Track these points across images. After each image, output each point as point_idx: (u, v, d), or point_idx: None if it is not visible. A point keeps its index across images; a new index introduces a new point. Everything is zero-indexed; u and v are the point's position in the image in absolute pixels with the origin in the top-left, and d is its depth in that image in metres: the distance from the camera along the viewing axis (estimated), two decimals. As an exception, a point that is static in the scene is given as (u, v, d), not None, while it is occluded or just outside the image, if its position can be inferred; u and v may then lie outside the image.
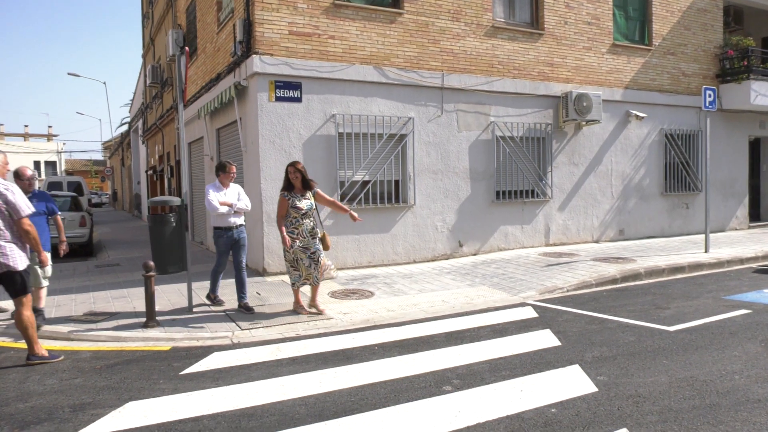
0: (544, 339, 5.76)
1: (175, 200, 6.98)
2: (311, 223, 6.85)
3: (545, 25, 11.93)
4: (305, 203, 6.80)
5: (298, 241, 6.75)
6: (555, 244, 12.25)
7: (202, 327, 6.36)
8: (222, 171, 7.11)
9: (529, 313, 6.93)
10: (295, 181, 6.83)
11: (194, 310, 7.14)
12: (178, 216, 6.91)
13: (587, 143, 12.65)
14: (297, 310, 7.06)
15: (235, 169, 7.20)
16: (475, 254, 11.27)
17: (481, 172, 11.31)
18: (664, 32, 13.70)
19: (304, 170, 6.89)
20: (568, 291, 8.23)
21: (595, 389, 4.33)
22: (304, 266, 6.82)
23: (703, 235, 11.83)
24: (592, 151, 12.73)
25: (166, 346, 5.80)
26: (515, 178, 11.77)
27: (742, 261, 10.49)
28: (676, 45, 13.93)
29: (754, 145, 16.20)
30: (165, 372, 4.97)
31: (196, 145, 14.57)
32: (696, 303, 7.27)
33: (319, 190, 7.12)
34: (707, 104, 11.05)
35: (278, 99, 9.41)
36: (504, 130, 11.51)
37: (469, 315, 6.89)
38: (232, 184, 7.21)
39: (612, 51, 12.88)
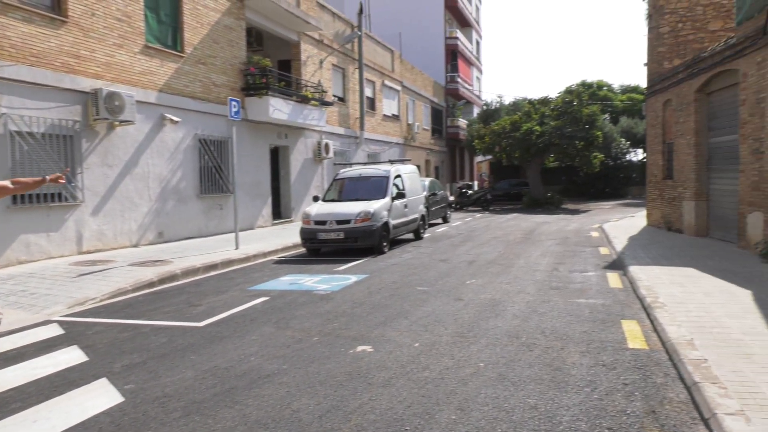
0: (70, 357, 5.26)
1: None
2: None
3: (69, 13, 10.90)
4: None
5: None
6: (90, 252, 11.38)
7: None
8: None
9: (55, 330, 6.23)
10: None
11: None
12: None
13: (122, 144, 12.21)
14: None
15: None
16: (-13, 270, 9.46)
17: (-8, 172, 9.56)
18: (195, 42, 14.39)
19: None
20: (102, 301, 7.75)
21: (121, 399, 4.18)
22: None
23: (234, 234, 12.97)
24: (127, 153, 12.35)
25: None
26: (38, 180, 10.37)
27: (265, 254, 11.97)
28: (206, 56, 14.82)
29: (275, 153, 18.74)
30: None
31: None
32: (225, 297, 7.89)
33: None
34: (233, 114, 12.13)
35: None
36: (21, 124, 10.00)
37: (-27, 344, 5.72)
38: None
39: (145, 52, 12.77)
